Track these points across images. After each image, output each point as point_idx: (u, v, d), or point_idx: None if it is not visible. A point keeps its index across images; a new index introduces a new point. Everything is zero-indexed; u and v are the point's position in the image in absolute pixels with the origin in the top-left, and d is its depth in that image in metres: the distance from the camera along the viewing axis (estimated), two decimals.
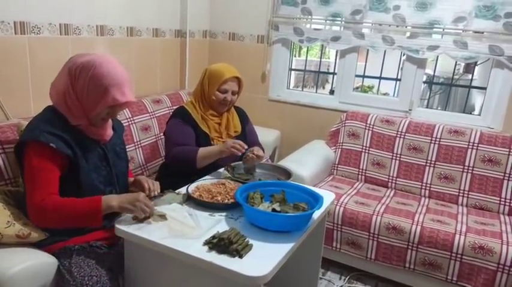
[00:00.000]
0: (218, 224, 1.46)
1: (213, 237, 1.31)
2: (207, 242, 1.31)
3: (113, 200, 1.39)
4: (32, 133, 1.38)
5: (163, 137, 2.53)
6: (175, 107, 2.63)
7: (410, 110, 2.79)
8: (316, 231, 1.73)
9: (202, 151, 1.93)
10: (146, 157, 2.46)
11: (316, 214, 1.55)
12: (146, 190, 1.55)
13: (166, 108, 2.66)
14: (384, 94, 5.15)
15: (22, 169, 1.44)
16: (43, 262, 1.36)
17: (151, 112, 2.55)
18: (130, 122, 2.38)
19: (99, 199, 1.39)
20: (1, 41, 1.87)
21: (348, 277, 2.29)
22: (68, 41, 2.20)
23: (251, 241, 1.34)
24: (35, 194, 1.35)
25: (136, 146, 2.40)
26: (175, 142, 2.00)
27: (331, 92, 5.29)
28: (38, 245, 1.42)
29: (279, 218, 1.42)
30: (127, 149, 2.30)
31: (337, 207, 2.22)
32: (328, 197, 1.75)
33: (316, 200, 1.54)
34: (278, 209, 1.49)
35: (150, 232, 1.37)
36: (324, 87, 6.97)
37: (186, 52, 3.04)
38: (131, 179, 1.71)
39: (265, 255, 1.29)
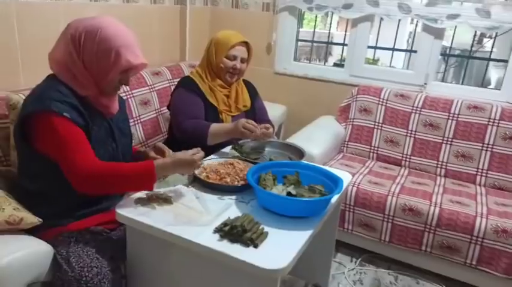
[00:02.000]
0: (229, 208, 1.33)
1: (225, 224, 1.18)
2: (218, 230, 1.18)
3: (166, 161, 1.33)
4: (41, 103, 1.21)
5: (164, 111, 2.38)
6: (176, 80, 2.48)
7: (425, 84, 2.63)
8: (331, 213, 1.61)
9: (214, 127, 1.79)
10: (146, 133, 2.31)
11: (335, 198, 1.42)
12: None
13: (166, 81, 2.50)
14: (391, 67, 4.98)
15: (20, 147, 1.30)
16: (37, 250, 1.23)
17: (150, 85, 2.38)
18: (128, 96, 2.22)
19: (150, 161, 1.31)
20: None
21: (359, 259, 2.20)
22: (59, 7, 2.01)
23: (265, 228, 1.21)
24: (81, 156, 1.21)
25: (136, 122, 2.25)
26: (185, 114, 1.85)
27: (335, 64, 5.13)
28: (31, 231, 1.29)
29: (296, 203, 1.29)
30: None
31: (350, 187, 2.10)
32: (344, 177, 1.62)
33: (334, 182, 1.41)
34: (294, 192, 1.37)
35: (155, 217, 1.24)
36: (327, 60, 6.78)
37: (186, 21, 2.84)
38: (147, 149, 1.60)
39: (283, 244, 1.17)
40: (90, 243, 1.30)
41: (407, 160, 2.45)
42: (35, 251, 1.22)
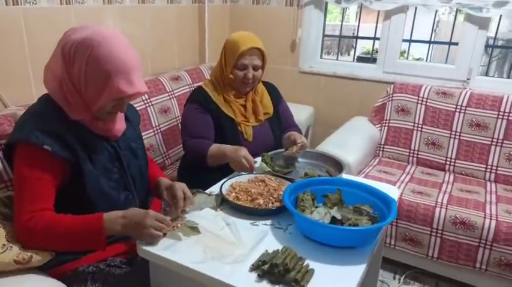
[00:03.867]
0: (265, 237, 1.16)
1: (263, 262, 1.01)
2: (254, 267, 1.01)
3: (117, 222, 1.11)
4: (21, 132, 1.09)
5: None
6: (196, 84, 2.32)
7: (468, 79, 2.39)
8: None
9: (213, 149, 1.63)
10: (167, 143, 2.16)
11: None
12: (179, 207, 1.22)
13: (187, 86, 2.34)
14: (418, 59, 4.67)
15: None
16: None
17: (170, 91, 2.23)
18: (147, 105, 2.07)
19: (100, 217, 1.10)
20: None
21: (403, 276, 1.99)
22: (70, 12, 1.87)
23: (310, 263, 1.04)
24: (23, 210, 1.08)
25: (156, 132, 2.10)
26: (190, 134, 1.72)
27: (360, 58, 4.86)
28: (43, 267, 1.15)
29: (345, 233, 1.10)
30: (145, 136, 2.03)
31: None
32: (391, 193, 1.42)
33: (384, 200, 1.23)
34: (339, 216, 1.18)
35: (181, 252, 1.07)
36: (348, 54, 6.49)
37: (204, 20, 2.67)
38: (166, 181, 1.37)
39: (333, 283, 0.99)
40: (109, 279, 1.15)
41: (452, 164, 2.23)
42: None
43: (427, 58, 3.70)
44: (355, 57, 5.17)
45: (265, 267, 0.99)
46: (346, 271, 1.03)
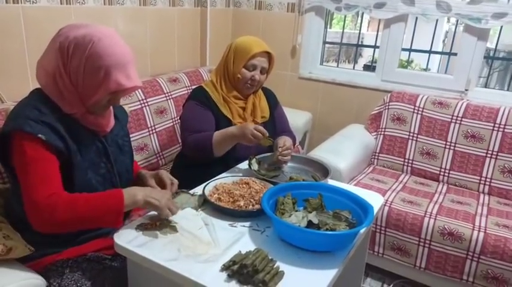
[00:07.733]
0: (241, 239, 1.17)
1: (233, 262, 1.02)
2: (225, 268, 1.02)
3: (137, 193, 1.16)
4: (15, 122, 1.10)
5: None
6: (194, 87, 2.35)
7: (466, 90, 2.38)
8: (360, 241, 1.42)
9: (217, 135, 1.63)
10: (162, 144, 2.19)
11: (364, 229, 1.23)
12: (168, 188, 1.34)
13: (184, 88, 2.37)
14: (424, 70, 4.66)
15: (5, 165, 1.19)
16: (26, 284, 1.10)
17: (167, 93, 2.26)
18: (143, 105, 2.10)
19: (120, 193, 1.13)
20: None
21: (391, 286, 1.98)
22: (71, 12, 1.91)
23: (282, 266, 1.05)
24: (39, 189, 1.07)
25: (151, 132, 2.13)
26: (191, 129, 1.71)
27: (366, 66, 4.86)
28: (22, 259, 1.17)
29: (318, 236, 1.11)
30: (140, 135, 2.06)
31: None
32: (375, 200, 1.43)
33: (363, 208, 1.23)
34: (315, 221, 1.19)
35: (156, 250, 1.09)
36: (357, 62, 6.49)
37: (206, 24, 2.70)
38: (147, 172, 1.42)
39: None
40: (86, 273, 1.17)
41: (446, 174, 2.21)
42: (24, 285, 1.09)
43: (438, 69, 3.68)
44: (363, 65, 5.17)
45: (234, 267, 1.00)
46: (317, 275, 1.04)
